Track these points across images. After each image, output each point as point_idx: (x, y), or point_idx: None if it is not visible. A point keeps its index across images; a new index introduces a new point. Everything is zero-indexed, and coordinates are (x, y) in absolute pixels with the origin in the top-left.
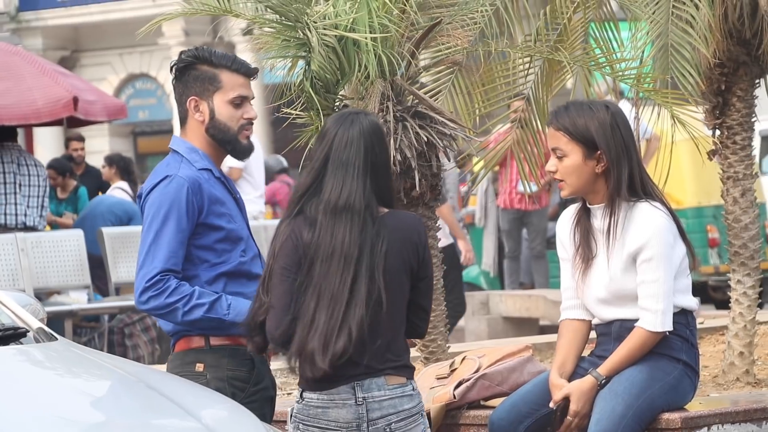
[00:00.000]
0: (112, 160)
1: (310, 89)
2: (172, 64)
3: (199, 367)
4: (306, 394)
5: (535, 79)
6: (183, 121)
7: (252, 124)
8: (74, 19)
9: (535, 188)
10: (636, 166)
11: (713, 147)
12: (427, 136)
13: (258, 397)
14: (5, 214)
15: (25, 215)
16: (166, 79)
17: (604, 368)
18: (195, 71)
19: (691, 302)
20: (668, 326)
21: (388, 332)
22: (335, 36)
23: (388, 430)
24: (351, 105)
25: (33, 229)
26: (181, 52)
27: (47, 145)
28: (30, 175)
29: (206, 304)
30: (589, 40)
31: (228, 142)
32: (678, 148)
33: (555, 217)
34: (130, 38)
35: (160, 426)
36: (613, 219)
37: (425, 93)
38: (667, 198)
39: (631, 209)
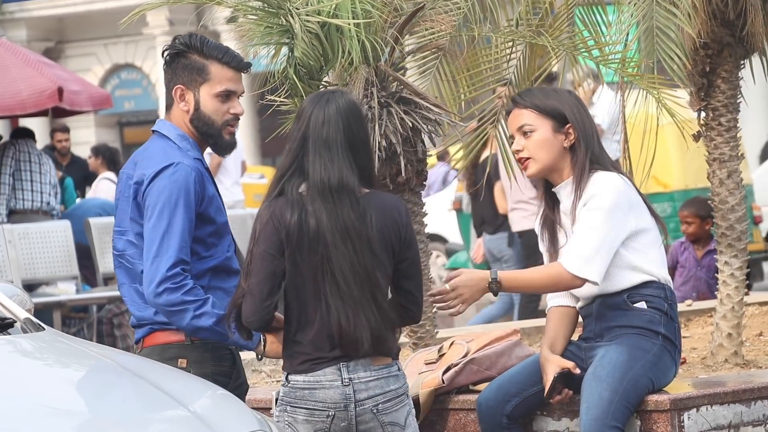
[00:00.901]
0: (98, 150)
1: (294, 76)
2: (164, 48)
3: (182, 362)
4: (291, 377)
5: (517, 64)
6: (169, 107)
7: (238, 119)
8: (58, 9)
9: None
10: (598, 146)
11: (698, 130)
12: (411, 122)
13: (240, 391)
14: (31, 194)
15: (49, 194)
16: (152, 68)
17: (504, 273)
18: (185, 59)
19: (666, 275)
20: (588, 275)
21: (385, 313)
22: (318, 22)
23: (375, 410)
24: None
25: (50, 214)
26: (175, 38)
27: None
28: (42, 164)
29: (216, 317)
30: (575, 23)
31: (211, 135)
32: (663, 131)
33: None
34: (114, 28)
35: (150, 415)
36: (577, 194)
37: (409, 79)
38: (654, 181)
39: (589, 180)
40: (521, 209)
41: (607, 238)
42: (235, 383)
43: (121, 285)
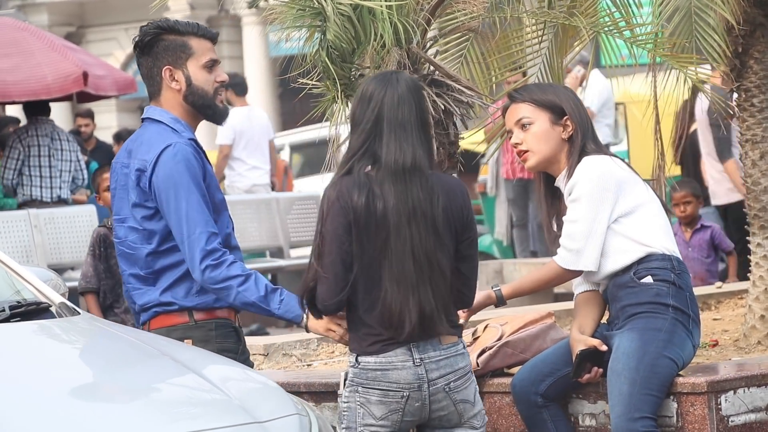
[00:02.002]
0: (120, 136)
1: (326, 59)
2: (135, 39)
3: (188, 342)
4: (362, 359)
5: (549, 46)
6: (155, 93)
7: (224, 87)
8: None
9: None
10: (592, 134)
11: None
12: (444, 104)
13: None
14: (41, 186)
15: (60, 188)
16: None
17: (506, 286)
18: (163, 41)
19: (670, 244)
20: (583, 266)
21: (450, 293)
22: (350, 4)
23: (447, 389)
24: (367, 74)
25: (65, 202)
26: (142, 27)
27: (56, 120)
28: (62, 150)
29: (263, 291)
30: (603, 4)
31: (207, 107)
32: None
33: None
34: (135, 12)
35: (187, 399)
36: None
37: (441, 61)
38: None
39: (576, 167)
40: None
41: (593, 224)
42: (241, 358)
43: (123, 272)
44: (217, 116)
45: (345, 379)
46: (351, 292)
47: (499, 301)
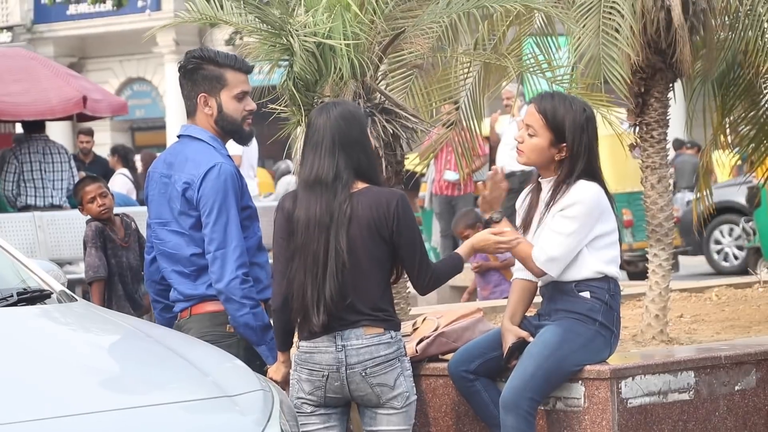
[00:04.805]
0: (115, 150)
1: (293, 88)
2: (181, 63)
3: (230, 329)
4: (300, 343)
5: (473, 81)
6: (192, 113)
7: (252, 114)
8: (81, 30)
9: (455, 177)
10: (592, 162)
11: (633, 142)
12: (392, 129)
13: None
14: (35, 196)
15: (52, 196)
16: (160, 82)
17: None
18: (203, 71)
19: (614, 272)
20: (550, 271)
21: (359, 290)
22: (314, 42)
23: (363, 373)
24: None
25: (59, 207)
26: (188, 53)
27: (59, 137)
28: (54, 162)
29: (265, 322)
30: (525, 49)
31: (235, 131)
32: (599, 143)
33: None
34: (128, 47)
35: (166, 375)
36: (553, 198)
37: (390, 92)
38: None
39: (571, 184)
40: None
41: (574, 243)
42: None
43: (163, 269)
44: (243, 139)
45: (294, 361)
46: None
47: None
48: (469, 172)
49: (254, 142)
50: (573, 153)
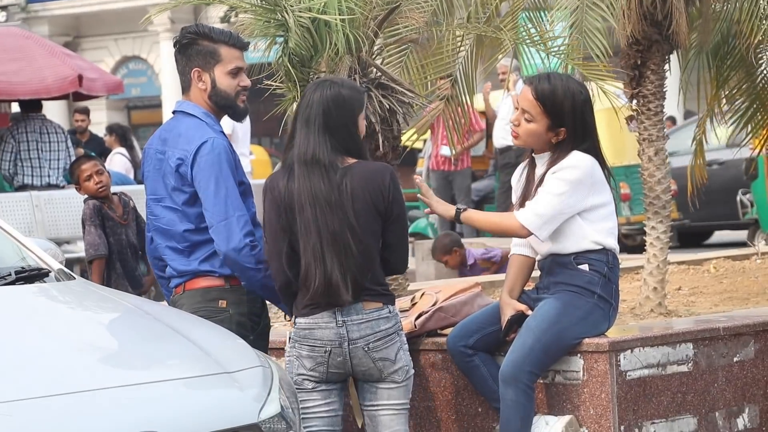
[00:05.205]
0: (112, 129)
1: (288, 64)
2: (175, 39)
3: (222, 303)
4: (298, 320)
5: (465, 55)
6: (186, 88)
7: (247, 90)
8: (76, 9)
9: (449, 152)
10: (593, 143)
11: (631, 114)
12: (389, 104)
13: (266, 328)
14: (32, 175)
15: (48, 176)
16: (155, 60)
17: (467, 212)
18: (197, 46)
19: (612, 243)
20: (539, 233)
21: (361, 266)
22: (309, 18)
23: (366, 348)
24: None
25: (56, 186)
26: (183, 28)
27: (55, 116)
28: (51, 141)
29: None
30: (520, 21)
31: (229, 107)
32: (596, 116)
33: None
34: (123, 26)
35: (164, 351)
36: (549, 167)
37: (386, 67)
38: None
39: (566, 156)
40: None
41: (563, 206)
42: (264, 321)
43: (158, 245)
44: (237, 114)
45: (289, 338)
46: (290, 264)
47: (456, 219)
48: (465, 147)
49: (247, 120)
50: (571, 135)
